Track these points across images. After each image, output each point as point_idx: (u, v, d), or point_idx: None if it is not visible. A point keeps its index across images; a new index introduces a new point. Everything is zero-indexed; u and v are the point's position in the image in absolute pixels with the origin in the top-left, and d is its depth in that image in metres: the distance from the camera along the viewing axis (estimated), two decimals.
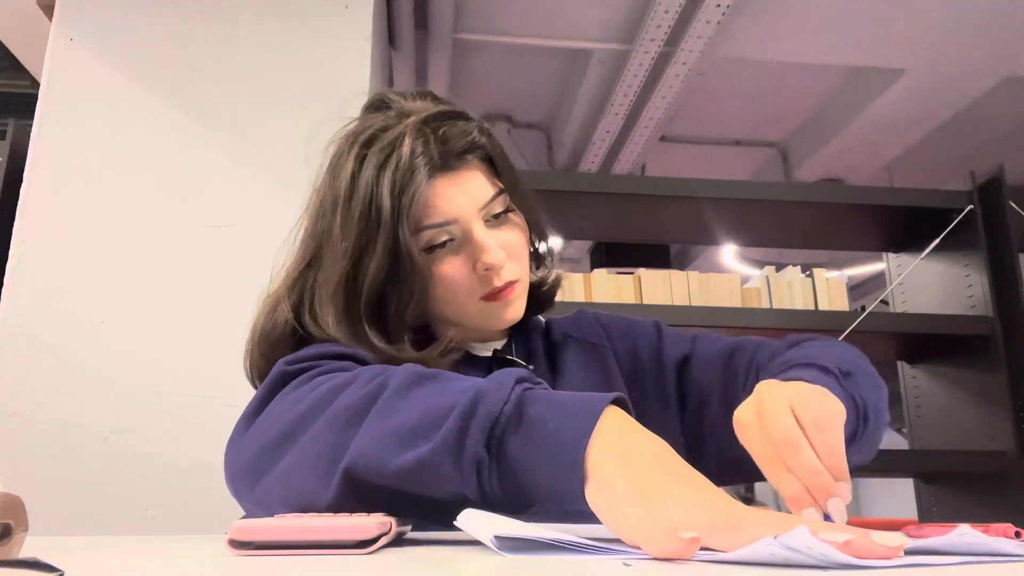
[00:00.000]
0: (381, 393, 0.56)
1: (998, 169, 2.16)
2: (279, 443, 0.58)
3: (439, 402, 0.52)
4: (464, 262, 0.75)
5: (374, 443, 0.53)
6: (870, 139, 4.18)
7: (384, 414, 0.54)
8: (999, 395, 2.04)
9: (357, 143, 0.75)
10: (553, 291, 0.88)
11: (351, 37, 1.92)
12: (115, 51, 1.85)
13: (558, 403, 0.50)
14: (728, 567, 0.37)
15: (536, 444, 0.48)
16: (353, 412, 0.55)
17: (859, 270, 5.83)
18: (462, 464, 0.50)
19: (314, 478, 0.55)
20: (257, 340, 0.78)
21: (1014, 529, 0.48)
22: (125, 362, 1.67)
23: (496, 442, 0.49)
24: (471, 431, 0.49)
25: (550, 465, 0.47)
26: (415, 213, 0.72)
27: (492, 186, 0.77)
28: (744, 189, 2.19)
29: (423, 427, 0.52)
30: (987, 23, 3.21)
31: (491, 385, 0.51)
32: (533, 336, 0.88)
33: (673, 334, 0.90)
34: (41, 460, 1.60)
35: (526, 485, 0.49)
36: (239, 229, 1.76)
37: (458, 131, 0.75)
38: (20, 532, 0.37)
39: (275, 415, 0.60)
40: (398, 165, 0.71)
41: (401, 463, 0.51)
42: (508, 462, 0.49)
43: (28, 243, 1.71)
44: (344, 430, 0.55)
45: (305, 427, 0.57)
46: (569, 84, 3.78)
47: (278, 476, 0.57)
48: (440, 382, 0.56)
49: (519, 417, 0.50)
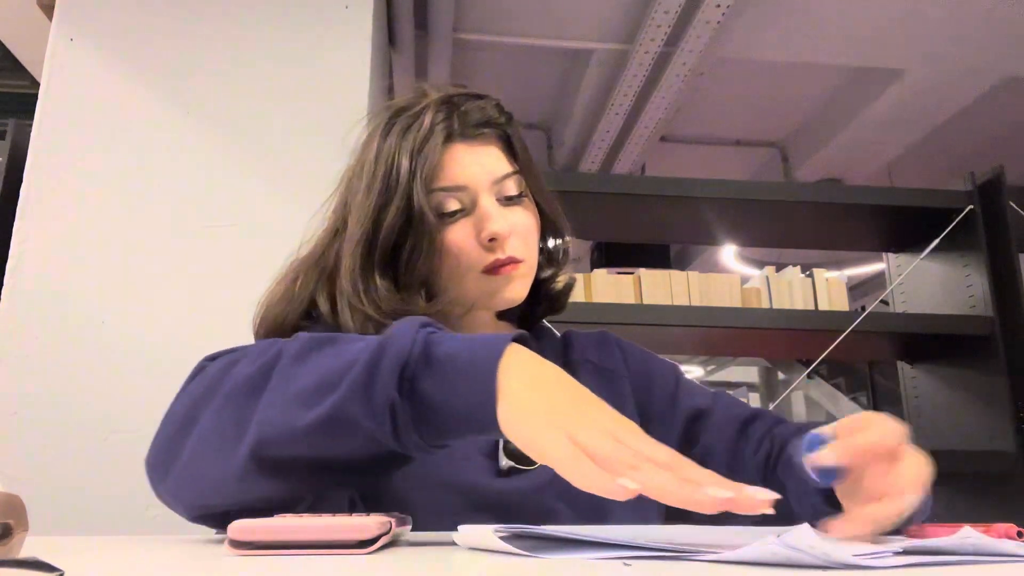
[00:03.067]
0: (277, 362, 0.56)
1: (998, 169, 2.16)
2: (180, 431, 0.57)
3: (340, 361, 0.53)
4: (469, 231, 0.76)
5: (278, 409, 0.53)
6: (870, 139, 4.18)
7: (284, 381, 0.54)
8: (999, 395, 2.04)
9: (384, 119, 0.79)
10: (566, 293, 0.88)
11: (351, 37, 1.92)
12: (115, 51, 1.85)
13: (465, 340, 0.52)
14: (729, 567, 0.37)
15: (449, 378, 0.50)
16: (250, 385, 0.55)
17: (859, 270, 5.83)
18: (373, 408, 0.50)
19: (220, 458, 0.54)
20: (263, 311, 0.80)
21: (1016, 529, 0.48)
22: (125, 362, 1.67)
23: (407, 383, 0.51)
24: (381, 374, 0.50)
25: (464, 395, 0.50)
26: (428, 174, 0.75)
27: (508, 164, 0.79)
28: (744, 189, 2.19)
29: (328, 383, 0.52)
30: (987, 23, 3.21)
31: (396, 331, 0.53)
32: (545, 348, 0.85)
33: (692, 384, 0.88)
34: (41, 460, 1.60)
35: (442, 419, 0.51)
36: (239, 229, 1.76)
37: (478, 107, 0.79)
38: (20, 532, 0.37)
39: (175, 404, 0.60)
40: (419, 130, 0.76)
41: (311, 420, 0.51)
42: (421, 399, 0.51)
43: (28, 243, 1.71)
44: (244, 404, 0.55)
45: (202, 409, 0.57)
46: (569, 84, 3.78)
47: (185, 463, 0.56)
48: (338, 344, 0.56)
49: (427, 357, 0.51)
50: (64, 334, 1.67)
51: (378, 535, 0.44)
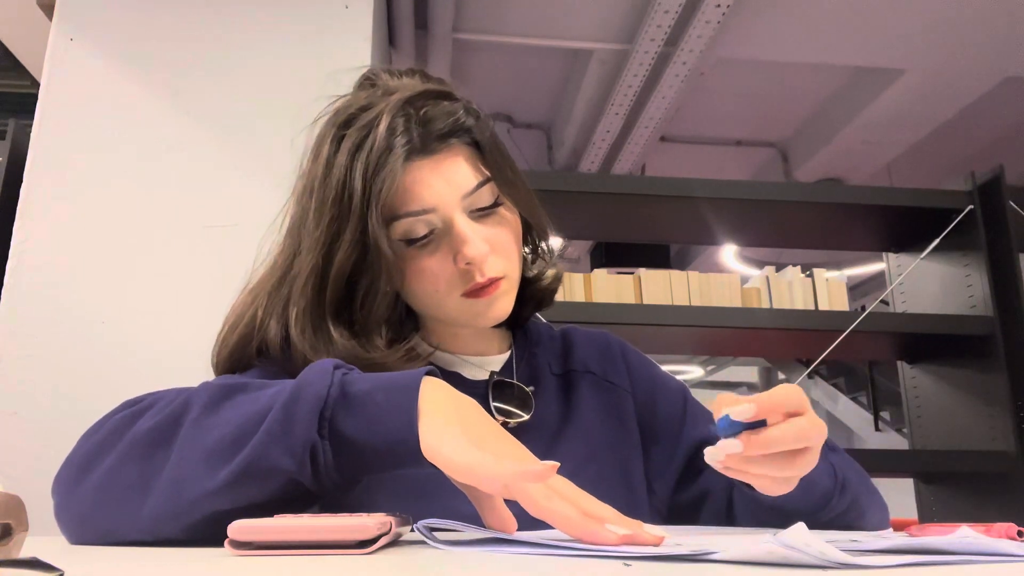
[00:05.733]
0: (185, 413, 0.54)
1: (998, 169, 2.16)
2: (76, 476, 0.55)
3: (254, 408, 0.53)
4: (444, 255, 0.69)
5: (192, 465, 0.52)
6: (870, 139, 4.18)
7: (196, 434, 0.53)
8: (999, 395, 2.04)
9: (336, 123, 0.71)
10: (553, 288, 0.82)
11: (351, 37, 1.92)
12: (115, 51, 1.85)
13: (379, 380, 0.53)
14: (728, 567, 0.37)
15: (369, 416, 0.52)
16: (155, 437, 0.54)
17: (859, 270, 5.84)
18: (292, 451, 0.51)
19: (123, 508, 0.52)
20: (219, 340, 0.74)
21: (1016, 529, 0.48)
22: (125, 362, 1.67)
23: (327, 423, 0.51)
24: (298, 417, 0.51)
25: (386, 431, 0.51)
26: (390, 200, 0.66)
27: (477, 174, 0.69)
28: (744, 189, 2.19)
29: (244, 433, 0.51)
30: (987, 23, 3.21)
31: (310, 375, 0.53)
32: (541, 353, 0.82)
33: (697, 408, 0.83)
34: (41, 460, 1.60)
35: (363, 455, 0.52)
36: (239, 229, 1.76)
37: (442, 111, 0.69)
38: (20, 532, 0.37)
39: (75, 449, 0.58)
40: (373, 146, 0.66)
41: (228, 473, 0.50)
42: (341, 438, 0.52)
43: (28, 243, 1.71)
44: (147, 458, 0.53)
45: (100, 458, 0.54)
46: (569, 84, 3.78)
47: (85, 511, 0.54)
48: (250, 391, 0.55)
49: (344, 397, 0.52)
50: (64, 334, 1.67)
51: (378, 535, 0.44)
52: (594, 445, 0.76)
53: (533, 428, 0.74)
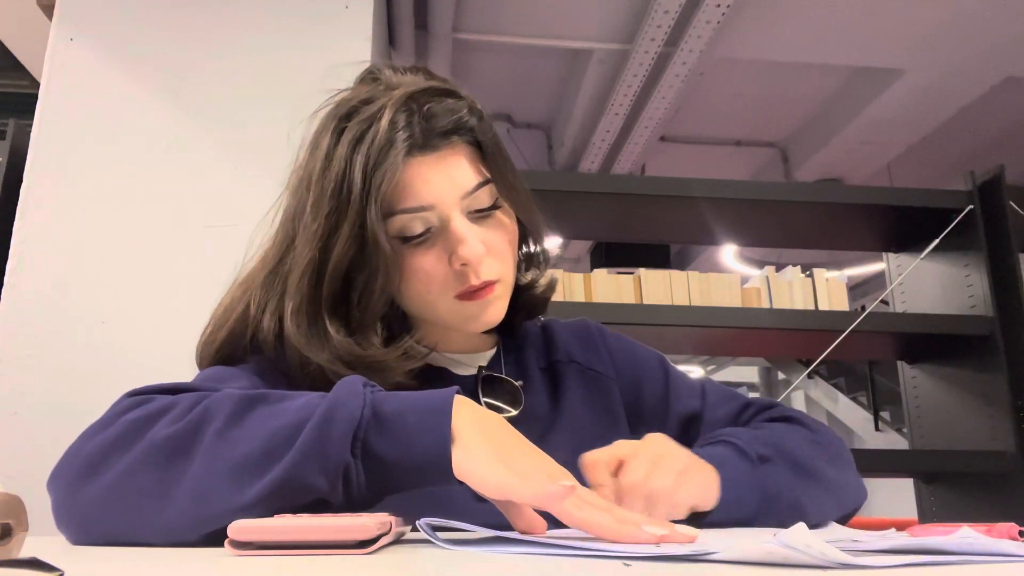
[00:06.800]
0: (206, 422, 0.53)
1: (998, 169, 2.16)
2: (82, 475, 0.54)
3: (281, 422, 0.52)
4: (439, 255, 0.68)
5: (221, 478, 0.51)
6: (870, 139, 4.18)
7: (220, 446, 0.52)
8: (999, 395, 2.04)
9: (337, 116, 0.70)
10: (547, 295, 0.82)
11: (351, 37, 1.92)
12: (115, 51, 1.85)
13: (408, 400, 0.54)
14: (728, 567, 0.37)
15: (402, 436, 0.52)
16: (175, 445, 0.52)
17: (859, 270, 5.84)
18: (328, 470, 0.51)
19: (137, 518, 0.52)
20: (206, 335, 0.73)
21: (1017, 529, 0.48)
22: (125, 362, 1.67)
23: (360, 444, 0.52)
24: (333, 438, 0.51)
25: (419, 450, 0.52)
26: (388, 195, 0.65)
27: (477, 174, 0.69)
28: (744, 189, 2.19)
29: (275, 448, 0.51)
30: (987, 23, 3.22)
31: (342, 394, 0.53)
32: (526, 348, 0.82)
33: (680, 380, 0.84)
34: (41, 460, 1.59)
35: (394, 474, 0.53)
36: (239, 229, 1.76)
37: (445, 108, 0.68)
38: (20, 532, 0.37)
39: (78, 445, 0.56)
40: (374, 140, 0.65)
41: (260, 488, 0.50)
42: (374, 460, 0.52)
43: (28, 243, 1.71)
44: (165, 466, 0.52)
45: (112, 459, 0.53)
46: (569, 84, 3.78)
47: (93, 512, 0.53)
48: (272, 403, 0.54)
49: (376, 417, 0.52)
50: (64, 334, 1.67)
51: (378, 535, 0.44)
52: (584, 434, 0.77)
53: (523, 422, 0.73)
